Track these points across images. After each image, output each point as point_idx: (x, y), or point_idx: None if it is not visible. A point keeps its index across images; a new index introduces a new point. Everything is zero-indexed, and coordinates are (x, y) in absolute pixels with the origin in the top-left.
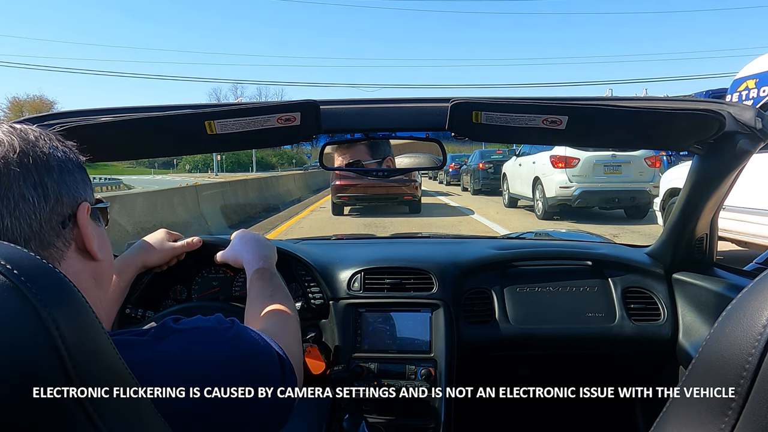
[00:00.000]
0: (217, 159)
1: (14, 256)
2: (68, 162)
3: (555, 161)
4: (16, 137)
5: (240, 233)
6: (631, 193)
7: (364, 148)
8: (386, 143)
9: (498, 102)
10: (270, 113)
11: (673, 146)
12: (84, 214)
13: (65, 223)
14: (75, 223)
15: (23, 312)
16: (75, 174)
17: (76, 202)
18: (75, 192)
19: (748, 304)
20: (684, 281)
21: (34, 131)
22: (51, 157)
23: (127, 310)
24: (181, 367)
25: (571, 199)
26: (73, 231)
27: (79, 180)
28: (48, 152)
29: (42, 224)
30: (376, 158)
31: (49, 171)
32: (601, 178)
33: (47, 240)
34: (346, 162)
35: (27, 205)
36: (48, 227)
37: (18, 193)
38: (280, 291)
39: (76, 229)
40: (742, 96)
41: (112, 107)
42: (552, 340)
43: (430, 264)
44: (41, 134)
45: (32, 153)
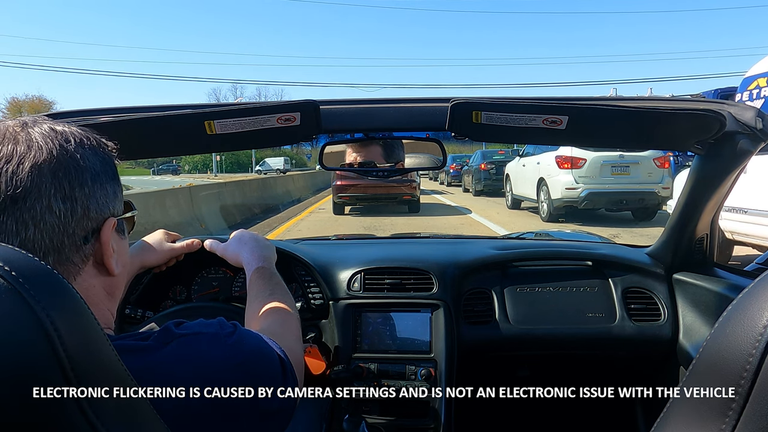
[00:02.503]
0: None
1: (12, 257)
2: (104, 174)
3: (561, 162)
4: (54, 142)
5: (239, 233)
6: (639, 195)
7: (380, 150)
8: (401, 148)
9: (498, 102)
10: (270, 113)
11: (673, 146)
12: (108, 230)
13: (87, 239)
14: (98, 238)
15: (20, 313)
16: (108, 186)
17: (102, 217)
18: (104, 206)
19: (749, 304)
20: (684, 281)
21: (76, 135)
22: (87, 170)
23: (126, 311)
24: (184, 373)
25: (577, 201)
26: (94, 245)
27: (110, 193)
28: (84, 164)
29: (64, 239)
30: (390, 161)
31: (82, 184)
32: (609, 180)
33: (66, 255)
34: (359, 161)
35: (53, 218)
36: (69, 242)
37: (46, 205)
38: (279, 289)
39: (97, 243)
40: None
41: (111, 107)
42: (552, 340)
43: (430, 264)
44: (84, 140)
45: (67, 163)
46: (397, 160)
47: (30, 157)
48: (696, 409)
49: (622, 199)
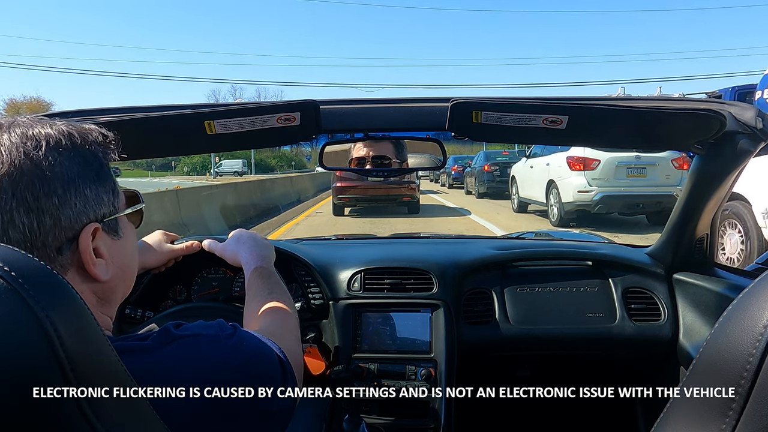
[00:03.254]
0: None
1: (11, 258)
2: (82, 178)
3: (572, 163)
4: (19, 151)
5: (237, 232)
6: (656, 198)
7: (392, 146)
8: (406, 149)
9: (498, 102)
10: (270, 113)
11: (673, 146)
12: (87, 237)
13: (62, 249)
14: (76, 246)
15: (20, 314)
16: (87, 191)
17: (80, 224)
18: (81, 213)
19: (749, 304)
20: (684, 281)
21: (52, 138)
22: (55, 178)
23: (126, 311)
24: (184, 373)
25: (590, 204)
26: (73, 255)
27: (90, 197)
28: (53, 172)
29: (33, 252)
30: (399, 159)
31: (49, 194)
32: (624, 182)
33: None
34: (373, 154)
35: (17, 233)
36: (40, 255)
37: (8, 220)
38: (278, 289)
39: (77, 252)
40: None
41: (111, 107)
42: (552, 340)
43: (430, 264)
44: (61, 140)
45: (31, 173)
46: (404, 159)
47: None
48: (696, 409)
49: (638, 203)
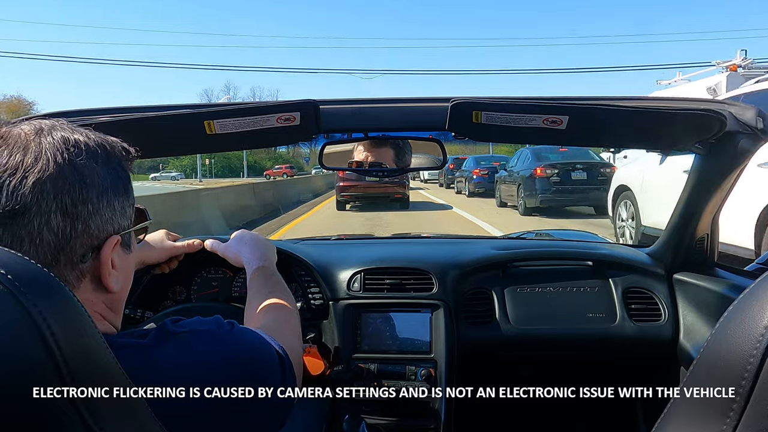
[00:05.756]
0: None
1: (8, 261)
2: (113, 189)
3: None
4: (63, 156)
5: (239, 233)
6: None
7: (392, 153)
8: (410, 153)
9: (498, 102)
10: (269, 113)
11: (673, 146)
12: (109, 249)
13: (86, 256)
14: (97, 255)
15: (16, 317)
16: (116, 202)
17: (105, 234)
18: (108, 223)
19: (750, 305)
20: (685, 282)
21: (90, 147)
22: (93, 186)
23: (126, 311)
24: (181, 370)
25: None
26: (93, 263)
27: (117, 209)
28: (92, 180)
29: (60, 256)
30: (399, 165)
31: (86, 201)
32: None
33: (60, 273)
34: (371, 161)
35: (50, 235)
36: (65, 259)
37: (45, 221)
38: (279, 288)
39: (97, 261)
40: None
41: (110, 107)
42: (553, 340)
43: (430, 264)
44: (98, 151)
45: (74, 179)
46: (405, 164)
47: (35, 172)
48: (697, 410)
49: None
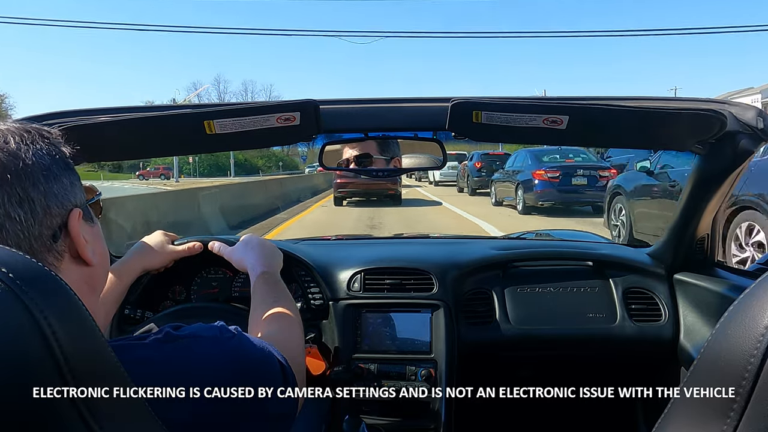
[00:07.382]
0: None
1: (8, 259)
2: (54, 166)
3: None
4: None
5: (247, 237)
6: None
7: (374, 144)
8: (396, 144)
9: (498, 102)
10: (269, 113)
11: (674, 146)
12: (75, 221)
13: (56, 236)
14: (67, 232)
15: (18, 315)
16: (63, 178)
17: (66, 209)
18: (64, 199)
19: (750, 305)
20: (685, 282)
21: (15, 133)
22: (35, 167)
23: (126, 311)
24: (182, 376)
25: None
26: (65, 241)
27: (67, 185)
28: (32, 162)
29: (32, 242)
30: (385, 155)
31: (35, 183)
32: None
33: (38, 258)
34: (356, 154)
35: (14, 225)
36: (38, 244)
37: (3, 213)
38: (284, 297)
39: (68, 238)
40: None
41: (110, 107)
42: (553, 340)
43: (431, 264)
44: (24, 135)
45: (14, 165)
46: (392, 155)
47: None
48: (697, 410)
49: None
